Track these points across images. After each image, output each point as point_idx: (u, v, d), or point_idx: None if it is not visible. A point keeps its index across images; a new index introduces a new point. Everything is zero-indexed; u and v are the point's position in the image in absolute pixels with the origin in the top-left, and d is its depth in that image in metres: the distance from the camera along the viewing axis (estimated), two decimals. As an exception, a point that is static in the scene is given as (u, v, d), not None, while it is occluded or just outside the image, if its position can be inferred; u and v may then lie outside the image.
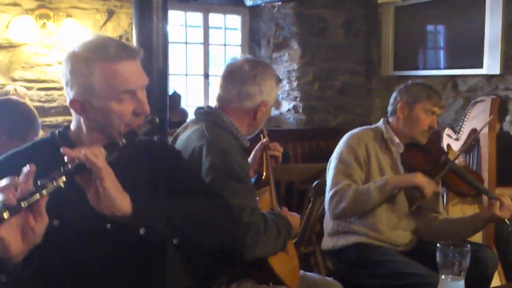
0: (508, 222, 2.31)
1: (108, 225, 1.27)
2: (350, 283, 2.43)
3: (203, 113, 1.85)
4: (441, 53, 4.51)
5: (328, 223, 2.45)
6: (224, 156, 1.67)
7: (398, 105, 2.37)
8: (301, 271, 1.99)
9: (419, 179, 2.18)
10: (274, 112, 4.89)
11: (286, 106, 4.82)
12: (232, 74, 1.83)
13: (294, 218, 1.87)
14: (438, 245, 1.47)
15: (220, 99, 1.86)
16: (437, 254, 1.46)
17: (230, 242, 1.45)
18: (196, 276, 1.60)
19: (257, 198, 1.86)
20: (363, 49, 4.93)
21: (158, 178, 1.45)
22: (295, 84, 4.72)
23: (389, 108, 2.45)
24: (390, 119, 2.44)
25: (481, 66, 3.95)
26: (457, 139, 2.88)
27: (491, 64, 3.89)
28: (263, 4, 4.52)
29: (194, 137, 1.74)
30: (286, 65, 4.76)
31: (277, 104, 4.87)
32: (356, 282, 2.40)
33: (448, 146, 2.98)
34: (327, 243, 2.46)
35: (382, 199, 2.23)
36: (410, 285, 2.08)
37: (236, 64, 1.84)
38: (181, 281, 1.55)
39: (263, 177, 2.01)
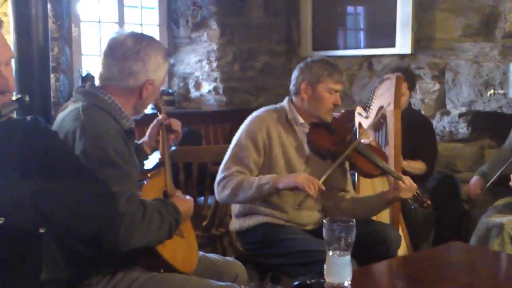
0: (410, 202, 2.36)
1: None
2: (259, 263, 2.43)
3: (82, 92, 1.71)
4: (357, 33, 4.56)
5: (235, 205, 2.42)
6: (98, 140, 1.56)
7: (301, 85, 2.35)
8: (201, 253, 1.93)
9: (300, 180, 2.11)
10: (194, 93, 4.79)
11: (206, 87, 4.73)
12: (114, 50, 1.71)
13: (187, 202, 1.79)
14: (324, 221, 1.46)
15: (101, 77, 1.73)
16: (324, 230, 1.46)
17: (104, 231, 1.38)
18: (74, 265, 1.51)
19: (148, 180, 1.78)
20: (283, 29, 4.90)
21: (28, 161, 1.34)
22: (215, 65, 4.63)
23: (292, 88, 2.42)
24: (294, 99, 2.41)
25: (393, 46, 4.02)
26: (366, 117, 2.92)
27: (403, 44, 3.96)
28: (180, -18, 4.39)
29: (69, 119, 1.62)
30: (206, 45, 4.66)
31: (197, 86, 4.78)
32: (264, 262, 2.39)
33: (360, 124, 3.01)
34: (235, 224, 2.44)
35: (260, 196, 2.21)
36: (312, 262, 2.08)
37: (118, 40, 1.72)
38: (57, 271, 1.47)
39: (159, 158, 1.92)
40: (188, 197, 1.84)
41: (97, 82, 1.78)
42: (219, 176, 2.28)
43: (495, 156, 3.19)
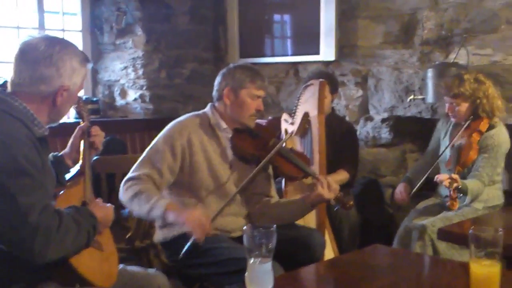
0: (333, 203, 2.39)
1: None
2: (186, 275, 2.37)
3: None
4: (284, 40, 4.61)
5: (158, 216, 2.35)
6: (5, 149, 1.46)
7: (223, 91, 2.34)
8: (121, 265, 1.86)
9: (191, 221, 2.07)
10: (120, 101, 4.66)
11: (132, 95, 4.61)
12: (25, 54, 1.61)
13: (105, 209, 1.72)
14: (244, 228, 1.43)
15: (12, 83, 1.63)
16: (244, 237, 1.43)
17: (16, 245, 1.29)
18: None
19: (66, 190, 1.69)
20: (210, 36, 4.87)
21: None
22: (140, 72, 4.53)
23: (215, 94, 2.41)
24: (217, 104, 2.40)
25: (318, 53, 4.09)
26: (292, 124, 2.94)
27: (327, 51, 4.04)
28: (103, -13, 4.26)
29: None
30: (131, 52, 4.55)
31: (123, 93, 4.65)
32: (191, 273, 2.34)
33: (286, 131, 3.03)
34: (159, 235, 2.37)
35: (149, 217, 2.17)
36: (240, 270, 2.03)
37: (30, 43, 1.63)
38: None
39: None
40: (108, 204, 1.76)
41: (9, 88, 1.68)
42: (128, 175, 2.23)
43: (419, 161, 3.29)
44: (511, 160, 3.01)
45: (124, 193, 2.21)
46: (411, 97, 3.67)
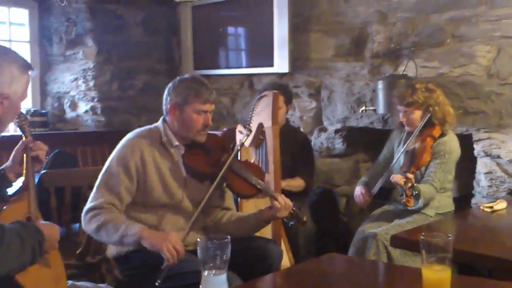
0: (286, 220, 2.38)
1: None
2: (139, 289, 2.31)
3: None
4: (238, 52, 4.63)
5: (111, 229, 2.29)
6: None
7: (168, 106, 2.28)
8: (70, 282, 1.79)
9: (165, 245, 2.01)
10: (70, 114, 4.55)
11: (83, 107, 4.51)
12: None
13: (51, 227, 1.65)
14: (198, 240, 1.41)
15: None
16: (198, 250, 1.40)
17: None
18: None
19: (9, 206, 1.62)
20: (164, 48, 4.84)
21: None
22: (91, 83, 4.44)
23: (164, 108, 2.34)
24: (167, 119, 2.34)
25: (272, 65, 4.12)
26: (247, 135, 2.92)
27: (280, 63, 4.08)
28: (52, -3, 4.16)
29: None
30: (82, 63, 4.45)
31: (73, 106, 4.54)
32: (145, 288, 2.27)
33: (241, 142, 3.01)
34: (112, 250, 2.31)
35: (122, 244, 2.13)
36: (193, 284, 2.01)
37: None
38: None
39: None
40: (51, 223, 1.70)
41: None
42: (87, 205, 2.16)
43: (372, 168, 3.34)
44: (460, 169, 3.11)
45: (87, 225, 2.14)
46: (363, 108, 3.74)
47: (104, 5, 4.40)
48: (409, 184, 2.68)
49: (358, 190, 3.11)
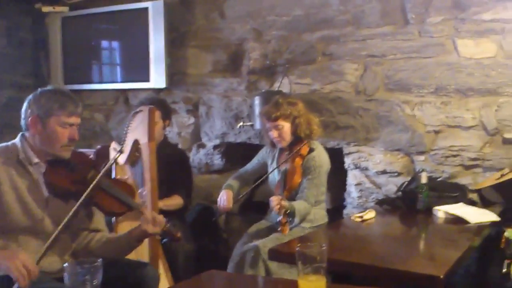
0: (159, 237, 2.30)
1: None
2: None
3: None
4: (112, 67, 4.46)
5: None
6: None
7: (29, 120, 2.11)
8: None
9: (14, 267, 1.77)
10: None
11: None
12: None
13: None
14: (64, 265, 1.29)
15: None
16: (65, 276, 1.29)
17: None
18: None
19: None
20: (30, 61, 4.52)
21: None
22: None
23: (22, 123, 2.16)
24: (27, 135, 2.16)
25: (148, 80, 4.02)
26: (122, 152, 2.80)
27: (157, 79, 3.99)
28: None
29: None
30: None
31: None
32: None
33: (115, 160, 2.87)
34: None
35: None
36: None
37: None
38: None
39: None
40: None
41: None
42: None
43: (237, 175, 3.34)
44: (333, 181, 3.24)
45: None
46: (240, 123, 3.78)
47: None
48: (283, 211, 2.76)
49: (222, 196, 3.11)
